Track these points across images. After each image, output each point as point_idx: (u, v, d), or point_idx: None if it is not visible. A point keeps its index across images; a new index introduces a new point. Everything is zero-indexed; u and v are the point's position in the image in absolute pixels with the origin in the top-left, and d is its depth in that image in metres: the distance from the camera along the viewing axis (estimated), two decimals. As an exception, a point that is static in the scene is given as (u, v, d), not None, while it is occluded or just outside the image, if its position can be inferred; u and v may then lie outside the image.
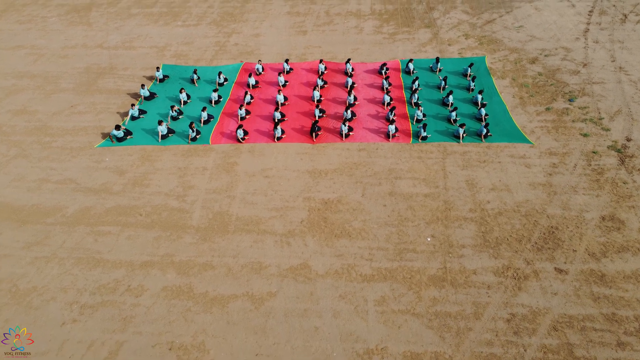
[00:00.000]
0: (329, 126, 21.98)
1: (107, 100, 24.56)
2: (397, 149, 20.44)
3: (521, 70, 25.56)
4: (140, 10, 35.16)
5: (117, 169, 19.89)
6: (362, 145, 20.75)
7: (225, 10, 34.68)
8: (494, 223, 16.61)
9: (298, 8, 34.64)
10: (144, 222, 17.30)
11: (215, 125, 22.29)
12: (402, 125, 21.67)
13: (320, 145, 20.88)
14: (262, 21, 32.85)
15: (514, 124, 21.41)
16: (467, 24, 31.05)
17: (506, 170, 18.89)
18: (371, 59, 27.41)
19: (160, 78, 25.89)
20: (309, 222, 17.00)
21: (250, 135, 21.55)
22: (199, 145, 21.11)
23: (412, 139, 20.86)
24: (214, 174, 19.38)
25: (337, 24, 31.91)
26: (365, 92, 24.32)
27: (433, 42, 29.03)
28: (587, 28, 29.50)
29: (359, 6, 34.52)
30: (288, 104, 23.65)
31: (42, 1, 37.56)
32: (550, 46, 27.67)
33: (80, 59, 28.71)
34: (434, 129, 21.39)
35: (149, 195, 18.51)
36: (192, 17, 33.92)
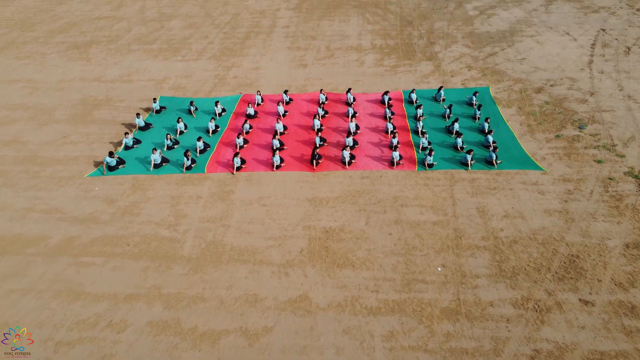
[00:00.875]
0: (330, 154, 21.06)
1: (102, 130, 23.81)
2: (402, 176, 19.42)
3: (527, 99, 24.90)
4: (140, 47, 35.09)
5: (107, 198, 18.82)
6: (365, 173, 19.75)
7: (225, 46, 34.57)
8: (509, 252, 15.35)
9: (298, 43, 34.54)
10: (131, 253, 16.06)
11: (211, 154, 21.39)
12: (406, 153, 20.76)
13: (321, 173, 19.88)
14: (262, 55, 32.63)
15: (524, 151, 20.49)
16: (469, 56, 30.74)
17: (518, 197, 17.79)
18: (373, 89, 26.85)
19: (156, 109, 25.23)
20: (309, 252, 15.76)
21: (248, 163, 20.61)
22: (194, 174, 20.13)
23: (418, 167, 19.88)
24: (209, 203, 18.29)
25: (337, 58, 31.64)
26: (367, 121, 23.56)
27: (435, 74, 28.58)
28: (591, 60, 29.11)
29: (359, 41, 34.41)
30: (287, 133, 22.84)
31: (42, 39, 37.63)
32: (555, 76, 27.16)
33: (77, 91, 28.22)
34: (440, 156, 20.46)
35: (138, 224, 17.36)
36: (192, 52, 33.76)
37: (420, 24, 37.24)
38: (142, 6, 46.19)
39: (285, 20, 39.82)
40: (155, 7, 45.80)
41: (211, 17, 41.92)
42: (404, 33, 35.45)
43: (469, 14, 39.26)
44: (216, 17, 41.81)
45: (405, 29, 36.34)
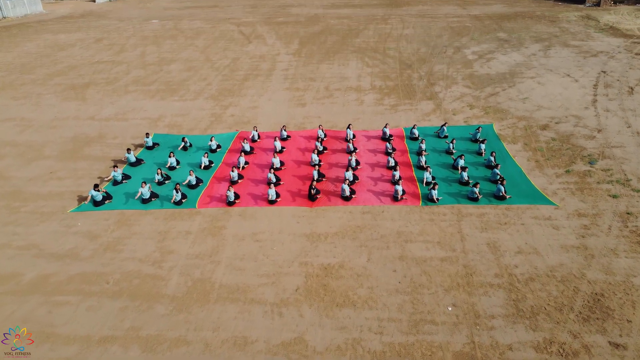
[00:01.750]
0: (329, 189, 19.96)
1: (91, 166, 22.83)
2: (406, 211, 18.22)
3: (533, 135, 24.08)
4: (137, 88, 34.77)
5: (89, 233, 17.54)
6: (366, 208, 18.56)
7: (223, 87, 34.25)
8: (525, 290, 13.92)
9: (297, 84, 34.24)
10: (110, 291, 14.61)
11: (204, 189, 20.29)
12: (409, 188, 19.66)
13: (320, 208, 18.70)
14: (261, 95, 32.20)
15: (533, 186, 19.41)
16: (470, 96, 30.27)
17: (532, 232, 16.52)
18: (373, 127, 26.10)
19: (149, 145, 24.36)
20: (305, 290, 14.33)
21: (242, 198, 19.46)
22: (185, 210, 18.94)
23: (422, 202, 18.72)
24: (198, 238, 16.99)
25: (336, 97, 31.18)
26: (368, 157, 22.61)
27: (437, 112, 27.95)
28: (595, 99, 28.59)
29: (358, 82, 34.12)
30: (284, 169, 21.83)
31: (40, 81, 37.43)
32: (559, 114, 26.51)
33: (69, 129, 27.48)
34: (445, 191, 19.35)
35: (120, 261, 15.99)
36: (189, 92, 33.38)
37: (419, 67, 37.17)
38: (142, 52, 46.56)
39: (284, 64, 39.86)
40: (155, 52, 46.13)
41: (210, 61, 42.03)
42: (404, 75, 35.26)
43: (468, 58, 39.34)
44: (216, 61, 41.92)
45: (404, 71, 36.21)
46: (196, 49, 47.19)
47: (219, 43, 49.40)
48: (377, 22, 58.15)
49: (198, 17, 68.04)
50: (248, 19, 64.26)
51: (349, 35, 51.00)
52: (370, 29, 53.93)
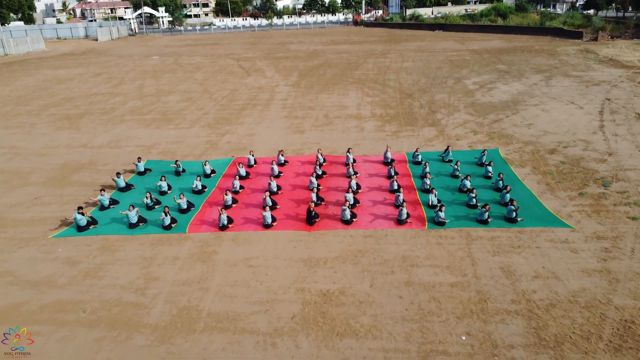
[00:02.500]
0: (329, 213, 18.76)
1: (78, 192, 21.72)
2: (411, 235, 16.96)
3: (541, 159, 23.06)
4: (133, 117, 34.11)
5: (69, 259, 16.23)
6: (369, 232, 17.31)
7: (220, 116, 33.58)
8: (547, 317, 12.52)
9: (296, 113, 33.58)
10: (87, 320, 13.19)
11: (195, 213, 19.09)
12: (414, 211, 18.47)
13: (318, 232, 17.44)
14: (258, 123, 31.45)
15: (546, 208, 18.22)
16: (473, 123, 29.48)
17: (548, 256, 15.21)
18: (374, 152, 25.12)
19: (140, 171, 23.33)
20: (302, 318, 12.91)
21: (236, 223, 18.24)
22: (174, 234, 17.69)
23: (428, 225, 17.49)
24: (187, 264, 15.66)
25: (336, 125, 30.40)
26: (369, 181, 21.52)
27: (440, 138, 27.06)
28: (602, 124, 27.77)
29: (358, 111, 33.47)
30: (281, 193, 20.70)
31: (35, 112, 36.86)
32: (566, 139, 25.59)
33: (59, 156, 26.53)
34: (452, 214, 18.14)
35: (100, 288, 14.61)
36: (185, 121, 32.67)
37: (420, 96, 36.66)
38: (140, 84, 46.33)
39: (283, 94, 39.41)
40: (153, 85, 45.89)
41: (209, 92, 41.65)
42: (404, 104, 34.66)
43: (469, 87, 38.93)
44: (214, 92, 41.54)
45: (405, 100, 35.65)
46: (195, 81, 46.99)
47: (217, 76, 49.28)
48: (376, 56, 58.39)
49: (198, 54, 68.59)
50: (248, 55, 64.69)
51: (348, 68, 50.97)
52: (369, 62, 54.00)
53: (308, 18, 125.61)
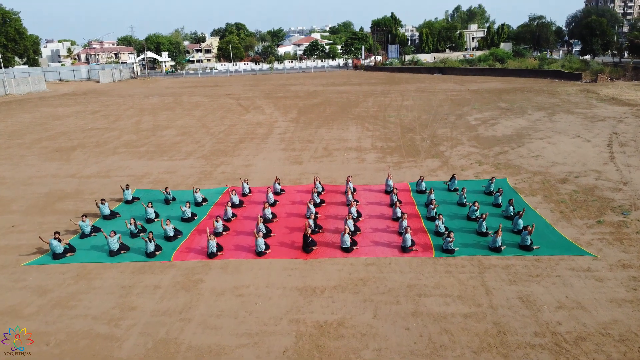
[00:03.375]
0: (327, 240, 17.30)
1: (59, 219, 20.31)
2: (417, 263, 15.45)
3: (552, 188, 21.80)
4: (126, 150, 33.10)
5: (40, 288, 14.66)
6: (370, 260, 15.80)
7: (217, 148, 32.58)
8: (577, 351, 10.88)
9: (294, 145, 32.61)
10: (48, 354, 11.53)
11: (183, 241, 17.62)
12: (420, 239, 17.02)
13: (316, 260, 15.93)
14: (255, 155, 30.40)
15: (563, 236, 16.80)
16: (478, 154, 28.41)
17: (571, 285, 13.67)
18: (375, 182, 23.88)
19: (128, 199, 22.01)
20: (295, 352, 11.26)
21: (226, 250, 16.75)
22: (157, 262, 16.16)
23: (435, 253, 15.99)
24: (168, 293, 14.08)
25: (336, 156, 29.32)
26: (371, 209, 20.17)
27: (444, 168, 25.90)
28: (612, 156, 26.68)
29: (359, 143, 32.51)
30: (276, 221, 19.29)
31: (27, 145, 35.90)
32: (577, 169, 24.41)
33: (45, 186, 25.26)
34: (460, 242, 16.67)
35: (69, 319, 13.00)
36: (180, 153, 31.63)
37: (421, 130, 35.84)
38: (137, 120, 45.75)
39: (281, 129, 38.63)
40: (151, 121, 45.30)
41: (206, 127, 40.93)
42: (406, 137, 33.76)
43: (471, 123, 38.20)
44: (211, 127, 40.82)
45: (406, 134, 34.79)
46: (192, 117, 46.43)
47: (216, 113, 48.81)
48: (376, 95, 58.26)
49: (198, 94, 68.69)
50: (247, 95, 64.71)
51: (348, 105, 50.59)
52: (369, 100, 53.73)
53: (309, 63, 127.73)
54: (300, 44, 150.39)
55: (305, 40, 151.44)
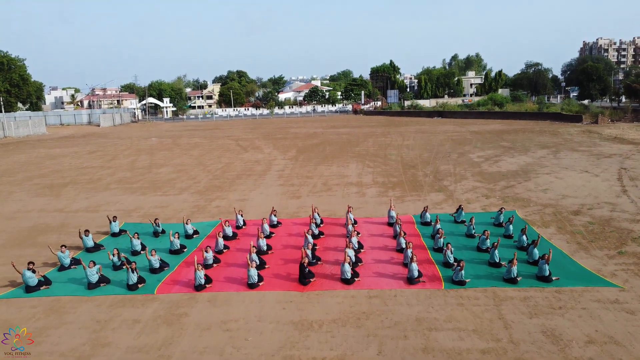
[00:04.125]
0: (326, 272, 15.88)
1: (39, 253, 18.92)
2: (425, 295, 13.99)
3: (565, 220, 20.53)
4: (119, 186, 32.00)
5: (5, 323, 13.18)
6: (374, 292, 14.35)
7: (212, 184, 31.50)
8: (616, 391, 9.31)
9: (292, 181, 31.55)
10: (3, 396, 9.95)
11: (169, 274, 16.19)
12: (427, 270, 15.62)
13: (313, 293, 14.47)
14: (252, 190, 29.27)
15: (583, 267, 15.40)
16: (484, 189, 27.28)
17: (599, 318, 12.20)
18: (377, 215, 22.62)
19: (114, 232, 20.71)
20: (288, 394, 9.69)
21: (216, 283, 15.29)
22: (139, 295, 14.69)
23: (445, 284, 14.55)
24: (148, 328, 12.57)
25: (336, 191, 28.18)
26: (372, 241, 18.84)
27: (449, 201, 24.71)
28: (625, 189, 25.55)
29: (360, 179, 31.45)
30: (272, 253, 17.92)
31: (18, 182, 34.85)
32: (589, 202, 23.21)
33: (29, 220, 23.99)
34: (472, 273, 15.26)
35: (34, 356, 11.45)
36: (174, 189, 30.51)
37: (424, 167, 34.88)
38: (134, 160, 44.98)
39: (280, 166, 37.72)
40: (147, 160, 44.53)
41: (203, 165, 40.06)
42: (408, 173, 32.74)
43: (474, 160, 37.32)
44: (208, 165, 39.95)
45: (408, 170, 33.80)
46: (190, 157, 45.68)
47: (214, 152, 48.14)
48: (377, 136, 57.87)
49: (197, 136, 68.48)
50: (247, 136, 64.42)
51: (348, 145, 49.99)
52: (369, 141, 53.21)
53: (308, 108, 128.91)
54: (300, 90, 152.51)
55: (305, 87, 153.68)
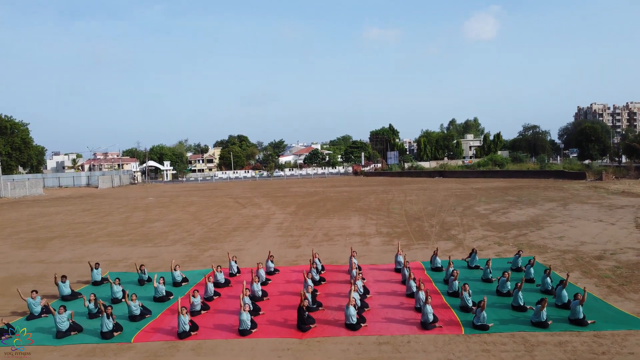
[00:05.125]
0: (328, 318, 14.01)
1: (9, 302, 17.06)
2: (443, 341, 12.10)
3: (589, 265, 18.82)
4: (109, 239, 30.32)
5: (-47, 376, 11.19)
6: (384, 338, 12.47)
7: (207, 236, 29.84)
8: None
9: (292, 232, 29.92)
10: None
11: (150, 321, 14.31)
12: (443, 315, 13.76)
13: (314, 339, 12.57)
14: (248, 241, 27.58)
15: (620, 310, 13.57)
16: (495, 237, 25.65)
17: (651, 363, 10.30)
18: (383, 262, 20.89)
19: (96, 280, 18.94)
20: None
21: (203, 330, 13.40)
22: (114, 344, 12.76)
23: (465, 329, 12.68)
24: (119, 379, 10.64)
25: (337, 241, 26.52)
26: (379, 287, 17.06)
27: (459, 248, 23.02)
28: (645, 235, 23.91)
29: (362, 230, 29.85)
30: (267, 300, 16.08)
31: (3, 236, 33.17)
32: (611, 247, 21.55)
33: (6, 270, 22.23)
34: (494, 318, 13.40)
35: (-24, 413, 9.47)
36: (166, 240, 28.84)
37: (429, 219, 33.36)
38: (128, 216, 43.55)
39: (279, 220, 36.21)
40: (142, 216, 43.08)
41: (199, 219, 38.53)
42: (413, 224, 31.18)
43: (481, 212, 35.85)
44: (205, 219, 38.41)
45: (413, 222, 32.26)
46: (186, 212, 44.24)
47: (211, 208, 46.77)
48: (378, 193, 56.74)
49: (196, 195, 67.39)
50: (246, 195, 63.32)
51: (350, 201, 48.71)
52: (371, 197, 51.99)
53: (309, 170, 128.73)
54: (300, 154, 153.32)
55: (305, 150, 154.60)
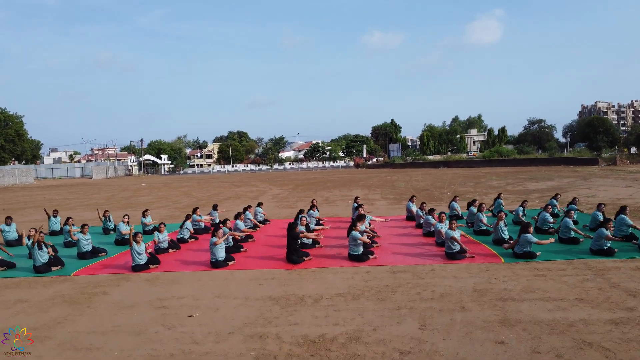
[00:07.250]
0: (327, 253, 11.04)
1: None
2: (479, 268, 9.13)
3: (637, 211, 15.82)
4: (87, 206, 27.37)
5: None
6: (400, 267, 9.48)
7: (193, 203, 26.84)
8: None
9: (288, 199, 26.95)
10: None
11: (103, 259, 11.36)
12: (473, 248, 10.78)
13: (307, 270, 9.58)
14: (239, 205, 24.58)
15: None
16: (517, 198, 22.71)
17: None
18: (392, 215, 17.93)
19: (53, 229, 16.03)
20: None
21: (165, 264, 10.44)
22: (46, 277, 9.79)
23: (505, 258, 9.70)
24: (35, 307, 7.66)
25: (339, 203, 23.57)
26: (391, 230, 14.06)
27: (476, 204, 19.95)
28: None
29: (367, 196, 26.82)
30: (252, 242, 13.13)
31: None
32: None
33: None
34: (539, 249, 10.41)
35: None
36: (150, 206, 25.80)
37: (438, 189, 30.33)
38: (113, 194, 40.54)
39: (275, 193, 33.21)
40: (129, 195, 40.06)
41: (189, 195, 35.50)
42: (421, 193, 28.13)
43: (494, 185, 32.79)
44: (196, 194, 35.37)
45: (421, 191, 29.23)
46: (177, 192, 41.22)
47: (204, 188, 43.83)
48: (381, 177, 53.76)
49: (191, 182, 64.48)
50: (243, 181, 60.34)
51: (352, 181, 45.74)
52: (374, 179, 49.00)
53: (309, 164, 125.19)
54: (301, 149, 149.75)
55: (305, 146, 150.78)
